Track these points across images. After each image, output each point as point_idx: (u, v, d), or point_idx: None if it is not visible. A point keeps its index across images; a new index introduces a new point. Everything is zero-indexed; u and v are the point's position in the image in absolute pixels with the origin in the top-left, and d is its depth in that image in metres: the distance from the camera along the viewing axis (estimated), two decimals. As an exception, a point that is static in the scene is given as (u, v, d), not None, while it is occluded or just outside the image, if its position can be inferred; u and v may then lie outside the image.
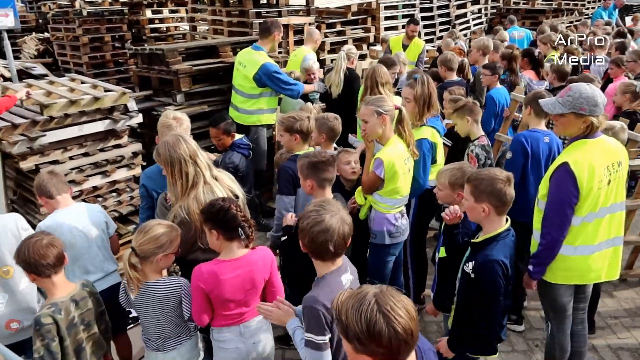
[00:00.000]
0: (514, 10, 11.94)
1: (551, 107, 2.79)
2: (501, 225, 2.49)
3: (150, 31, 10.17)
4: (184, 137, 2.79)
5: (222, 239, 2.45)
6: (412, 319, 1.42)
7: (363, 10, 9.46)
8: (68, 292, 2.44)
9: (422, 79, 3.69)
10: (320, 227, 2.07)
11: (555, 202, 2.79)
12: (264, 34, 5.31)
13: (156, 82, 5.59)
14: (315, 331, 2.05)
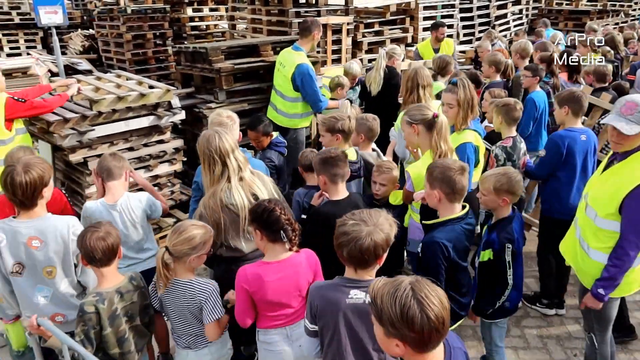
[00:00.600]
0: (557, 11, 11.66)
1: (628, 129, 2.59)
2: (454, 212, 2.66)
3: (190, 29, 10.38)
4: (221, 135, 2.81)
5: (266, 240, 2.47)
6: (444, 308, 1.47)
7: (402, 10, 9.41)
8: (115, 283, 2.50)
9: (463, 83, 3.64)
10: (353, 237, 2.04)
11: (637, 224, 2.66)
12: (303, 33, 5.31)
13: (198, 79, 5.71)
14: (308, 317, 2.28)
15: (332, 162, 2.93)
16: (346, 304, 2.13)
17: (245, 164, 2.89)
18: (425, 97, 4.24)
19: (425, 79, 4.24)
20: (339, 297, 2.14)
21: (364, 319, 2.13)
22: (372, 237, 2.02)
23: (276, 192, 2.99)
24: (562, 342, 3.86)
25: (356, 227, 2.04)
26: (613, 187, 2.72)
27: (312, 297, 2.25)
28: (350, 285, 2.14)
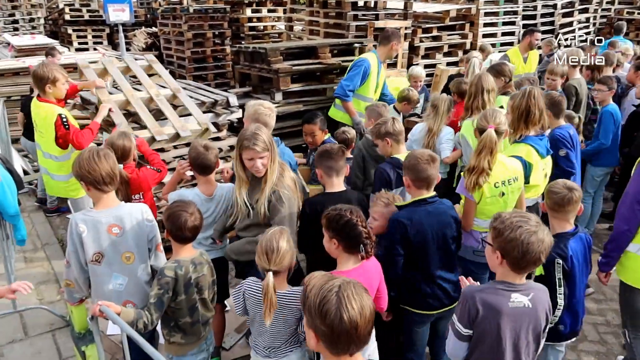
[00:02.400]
0: (627, 20, 11.07)
1: None
2: (419, 196, 2.85)
3: (248, 29, 10.57)
4: (259, 125, 2.96)
5: (342, 249, 2.44)
6: (362, 315, 1.47)
7: (462, 15, 9.21)
8: (190, 255, 2.63)
9: (524, 91, 3.51)
10: None
11: (627, 195, 2.99)
12: (382, 41, 5.36)
13: (256, 79, 5.80)
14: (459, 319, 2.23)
15: (327, 156, 3.07)
16: (509, 308, 2.13)
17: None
18: (490, 102, 4.13)
19: (489, 84, 4.13)
20: (502, 302, 2.13)
21: (524, 323, 2.16)
22: (543, 246, 2.07)
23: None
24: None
25: (532, 237, 2.06)
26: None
27: (470, 302, 2.17)
28: (511, 289, 2.15)
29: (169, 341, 2.68)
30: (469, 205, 3.16)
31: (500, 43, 9.53)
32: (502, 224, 2.12)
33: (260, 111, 3.41)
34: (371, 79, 5.22)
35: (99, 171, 2.55)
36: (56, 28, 12.92)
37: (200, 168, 3.13)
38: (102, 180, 2.57)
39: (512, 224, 2.08)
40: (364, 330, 1.50)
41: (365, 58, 5.19)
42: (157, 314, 2.46)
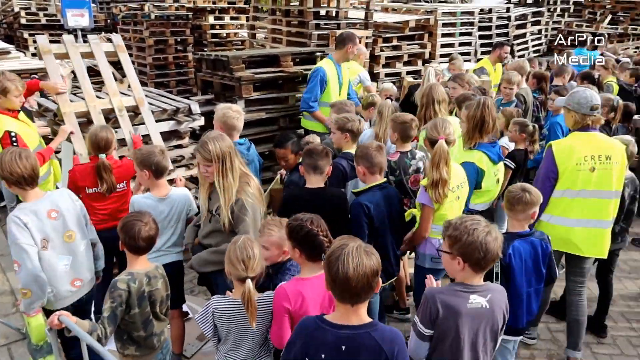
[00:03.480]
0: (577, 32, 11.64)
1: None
2: (373, 182, 3.19)
3: (211, 36, 10.56)
4: (223, 134, 3.03)
5: (305, 258, 2.46)
6: (356, 272, 1.82)
7: (421, 26, 9.49)
8: (145, 267, 2.64)
9: (479, 101, 3.69)
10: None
11: (539, 174, 3.53)
12: (338, 45, 5.44)
13: (218, 87, 5.81)
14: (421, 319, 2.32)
15: (311, 155, 3.24)
16: (467, 308, 2.23)
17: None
18: (441, 112, 4.29)
19: (440, 95, 4.30)
20: (461, 303, 2.23)
21: (482, 323, 2.27)
22: (497, 244, 2.21)
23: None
24: None
25: (488, 237, 2.18)
26: None
27: (431, 303, 2.26)
28: (470, 291, 2.25)
29: (123, 354, 2.68)
30: (428, 212, 3.27)
31: (458, 53, 9.85)
32: (457, 230, 2.22)
33: (228, 114, 3.54)
34: (330, 85, 5.31)
35: (21, 172, 2.65)
36: (11, 32, 12.53)
37: (156, 171, 3.17)
38: (24, 180, 2.68)
39: (467, 228, 2.20)
40: (357, 284, 1.82)
41: (319, 66, 5.28)
42: (111, 327, 2.46)
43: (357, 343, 1.91)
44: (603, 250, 3.54)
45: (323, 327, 1.95)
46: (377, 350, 1.90)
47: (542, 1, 12.82)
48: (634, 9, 12.99)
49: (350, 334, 1.91)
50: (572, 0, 13.77)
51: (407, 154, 3.77)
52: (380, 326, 1.97)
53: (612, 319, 4.38)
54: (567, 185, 3.42)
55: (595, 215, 3.45)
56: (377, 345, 1.90)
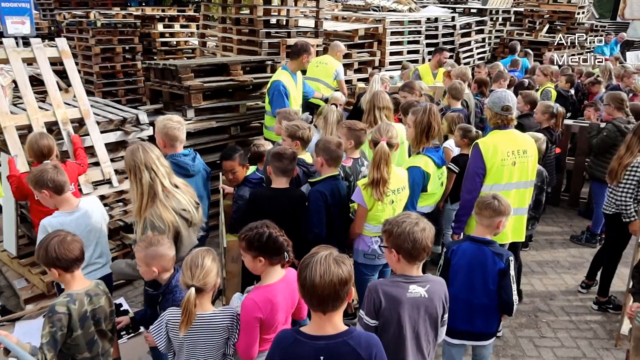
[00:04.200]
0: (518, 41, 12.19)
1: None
2: (329, 173, 3.43)
3: (160, 45, 10.41)
4: (145, 145, 2.95)
5: (268, 263, 2.48)
6: (322, 280, 1.87)
7: (370, 34, 9.68)
8: (84, 286, 2.56)
9: (425, 108, 3.85)
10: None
11: (468, 171, 3.74)
12: (292, 55, 5.55)
13: (167, 96, 5.75)
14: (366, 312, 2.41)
15: (278, 158, 3.36)
16: (407, 297, 2.35)
17: (171, 172, 3.01)
18: (382, 118, 4.44)
19: (382, 102, 4.45)
20: (401, 293, 2.35)
21: (422, 312, 2.38)
22: (425, 234, 2.36)
23: (193, 200, 3.09)
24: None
25: (415, 228, 2.35)
26: None
27: (374, 294, 2.36)
28: (409, 281, 2.39)
29: None
30: (362, 211, 3.41)
31: (406, 60, 10.12)
32: (389, 225, 2.43)
33: (168, 125, 3.47)
34: (291, 95, 5.43)
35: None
36: (-55, 40, 11.90)
37: (55, 188, 3.05)
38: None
39: (397, 221, 2.41)
40: (324, 292, 1.87)
41: (278, 80, 5.31)
42: (51, 353, 2.37)
43: (334, 352, 1.94)
44: (522, 235, 3.93)
45: (300, 339, 1.97)
46: (355, 357, 1.94)
47: (485, 11, 13.36)
48: (569, 18, 13.73)
49: (327, 344, 1.94)
50: (513, 10, 14.42)
51: (357, 160, 3.89)
52: (356, 333, 2.01)
53: (554, 313, 4.63)
54: (494, 180, 3.69)
55: (518, 204, 3.77)
56: (354, 351, 1.94)
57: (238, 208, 3.69)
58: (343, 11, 12.54)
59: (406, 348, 2.37)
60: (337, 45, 7.10)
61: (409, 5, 13.24)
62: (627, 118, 5.51)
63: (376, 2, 13.25)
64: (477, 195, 3.67)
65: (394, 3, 13.40)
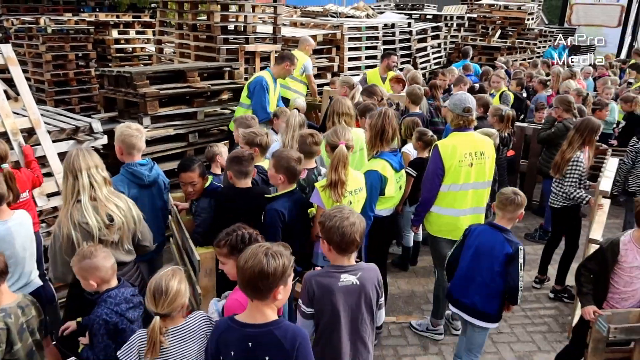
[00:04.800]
0: (472, 46, 12.57)
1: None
2: (287, 189, 3.37)
3: (115, 51, 10.18)
4: (84, 151, 2.94)
5: None
6: (252, 271, 2.00)
7: (328, 40, 9.76)
8: (14, 299, 2.53)
9: (380, 112, 3.92)
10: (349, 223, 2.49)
11: (428, 171, 3.92)
12: (277, 60, 5.88)
13: (122, 104, 5.63)
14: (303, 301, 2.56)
15: (238, 161, 3.40)
16: (339, 286, 2.49)
17: (102, 184, 2.95)
18: (341, 124, 4.46)
19: (341, 107, 4.50)
20: (333, 282, 2.50)
21: (355, 298, 2.54)
22: (354, 228, 2.48)
23: (136, 214, 3.07)
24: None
25: (344, 222, 2.47)
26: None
27: (308, 284, 2.52)
28: (341, 271, 2.53)
29: None
30: (320, 213, 3.39)
31: (365, 66, 10.26)
32: (323, 217, 2.57)
33: (126, 133, 3.42)
34: (270, 95, 5.56)
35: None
36: None
37: None
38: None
39: (329, 215, 2.54)
40: (244, 279, 2.02)
41: (261, 76, 5.57)
42: None
43: (260, 340, 2.07)
44: None
45: (232, 326, 2.11)
46: (279, 346, 2.06)
47: (440, 17, 13.70)
48: (520, 24, 14.24)
49: (254, 332, 2.07)
50: (467, 17, 14.85)
51: (313, 170, 3.90)
52: (284, 324, 2.12)
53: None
54: (452, 180, 3.84)
55: (476, 204, 3.95)
56: (278, 341, 2.06)
57: (203, 221, 3.62)
58: (302, 17, 12.61)
59: (341, 332, 2.53)
60: (307, 39, 7.29)
61: (367, 12, 13.45)
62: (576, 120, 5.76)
63: (334, 8, 13.40)
64: (436, 193, 3.88)
65: (352, 9, 13.59)
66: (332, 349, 2.57)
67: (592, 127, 4.67)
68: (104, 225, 2.88)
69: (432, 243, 4.15)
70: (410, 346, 4.19)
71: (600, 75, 10.63)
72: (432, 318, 4.28)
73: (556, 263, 5.03)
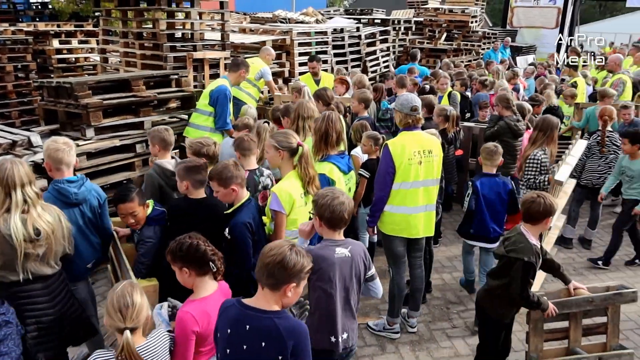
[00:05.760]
0: (419, 49, 12.86)
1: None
2: (243, 198, 3.33)
3: (57, 62, 9.81)
4: (15, 162, 2.87)
5: (195, 275, 2.52)
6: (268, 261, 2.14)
7: (278, 45, 9.76)
8: None
9: (324, 116, 3.96)
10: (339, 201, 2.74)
11: (380, 171, 4.00)
12: (232, 68, 5.89)
13: (63, 115, 5.42)
14: None
15: (194, 170, 3.41)
16: (335, 257, 2.73)
17: (36, 201, 2.89)
18: (305, 128, 4.52)
19: (307, 111, 4.54)
20: (330, 254, 2.73)
21: (347, 269, 2.78)
22: (343, 207, 2.74)
23: (67, 231, 3.00)
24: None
25: (335, 201, 2.72)
26: None
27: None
28: (334, 244, 2.78)
29: None
30: (281, 218, 3.42)
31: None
32: (317, 196, 2.84)
33: (52, 147, 3.28)
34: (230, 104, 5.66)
35: None
36: None
37: None
38: None
39: (322, 194, 2.82)
40: (272, 269, 2.11)
41: (225, 86, 5.60)
42: None
43: (260, 325, 2.13)
44: (432, 229, 4.26)
45: (236, 306, 2.20)
46: (277, 336, 2.11)
47: (388, 21, 13.95)
48: (464, 27, 14.71)
49: (256, 316, 2.15)
50: (414, 20, 15.20)
51: (255, 171, 3.91)
52: (287, 315, 2.19)
53: (463, 303, 4.94)
54: (402, 178, 3.93)
55: (427, 201, 4.08)
56: (278, 330, 2.11)
57: (147, 250, 3.40)
58: (251, 24, 12.55)
59: (336, 302, 2.75)
60: (267, 49, 7.76)
61: (316, 17, 13.54)
62: (517, 117, 5.99)
63: (283, 14, 13.42)
64: (388, 192, 3.97)
65: (301, 15, 13.65)
66: (328, 317, 2.77)
67: (551, 124, 4.95)
68: (29, 240, 2.81)
69: (386, 242, 4.20)
70: (368, 347, 4.22)
71: (539, 75, 11.14)
72: (389, 317, 4.32)
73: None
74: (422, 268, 4.34)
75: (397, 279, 4.19)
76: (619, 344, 3.67)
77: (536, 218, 3.27)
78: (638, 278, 5.50)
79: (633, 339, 4.41)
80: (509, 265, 3.29)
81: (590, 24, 32.88)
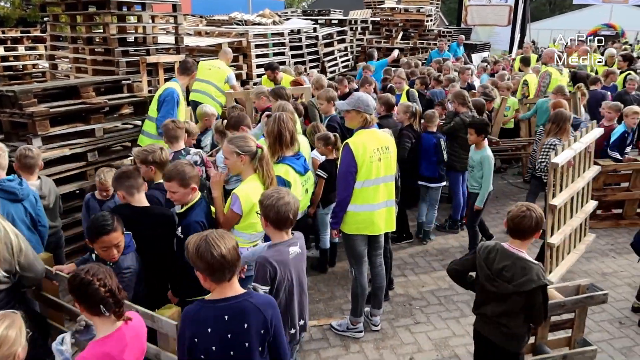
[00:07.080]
0: (377, 48, 12.98)
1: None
2: (195, 197, 3.28)
3: (3, 69, 9.43)
4: None
5: (87, 313, 2.24)
6: (229, 250, 2.18)
7: (235, 48, 9.65)
8: None
9: (275, 117, 3.92)
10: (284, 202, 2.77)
11: (341, 171, 3.96)
12: (184, 71, 5.80)
13: (8, 125, 5.18)
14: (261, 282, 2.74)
15: (125, 177, 3.30)
16: (290, 258, 2.82)
17: None
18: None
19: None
20: (285, 257, 2.81)
21: (300, 264, 2.95)
22: (288, 207, 2.78)
23: (15, 244, 2.78)
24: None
25: (280, 201, 2.75)
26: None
27: (266, 265, 2.73)
28: (287, 245, 2.85)
29: None
30: (234, 218, 3.34)
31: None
32: (263, 197, 2.85)
33: None
34: (181, 106, 5.50)
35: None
36: None
37: None
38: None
39: (268, 195, 2.84)
40: (232, 258, 2.21)
41: (173, 89, 5.45)
42: None
43: (237, 309, 2.22)
44: (393, 225, 4.24)
45: (204, 305, 2.24)
46: (257, 312, 2.25)
47: (345, 21, 14.03)
48: (420, 26, 14.93)
49: (229, 304, 2.22)
50: (371, 20, 15.33)
51: (180, 152, 4.23)
52: (254, 294, 2.36)
53: (425, 299, 4.95)
54: (365, 176, 3.92)
55: (387, 197, 4.10)
56: (256, 308, 2.25)
57: (130, 282, 2.99)
58: (207, 26, 12.39)
59: (294, 297, 2.88)
60: (228, 51, 7.83)
61: (273, 19, 13.48)
62: (472, 113, 6.11)
63: (240, 16, 13.30)
64: (351, 192, 3.93)
65: (258, 17, 13.57)
66: (289, 313, 2.90)
67: (563, 117, 5.40)
68: None
69: (348, 242, 4.15)
70: (332, 347, 4.21)
71: (494, 72, 11.44)
72: (352, 317, 4.32)
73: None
74: (382, 266, 4.36)
75: (359, 278, 4.19)
76: (583, 339, 3.70)
77: (528, 233, 2.88)
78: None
79: (608, 329, 4.51)
80: (524, 297, 2.84)
81: (541, 21, 34.09)
